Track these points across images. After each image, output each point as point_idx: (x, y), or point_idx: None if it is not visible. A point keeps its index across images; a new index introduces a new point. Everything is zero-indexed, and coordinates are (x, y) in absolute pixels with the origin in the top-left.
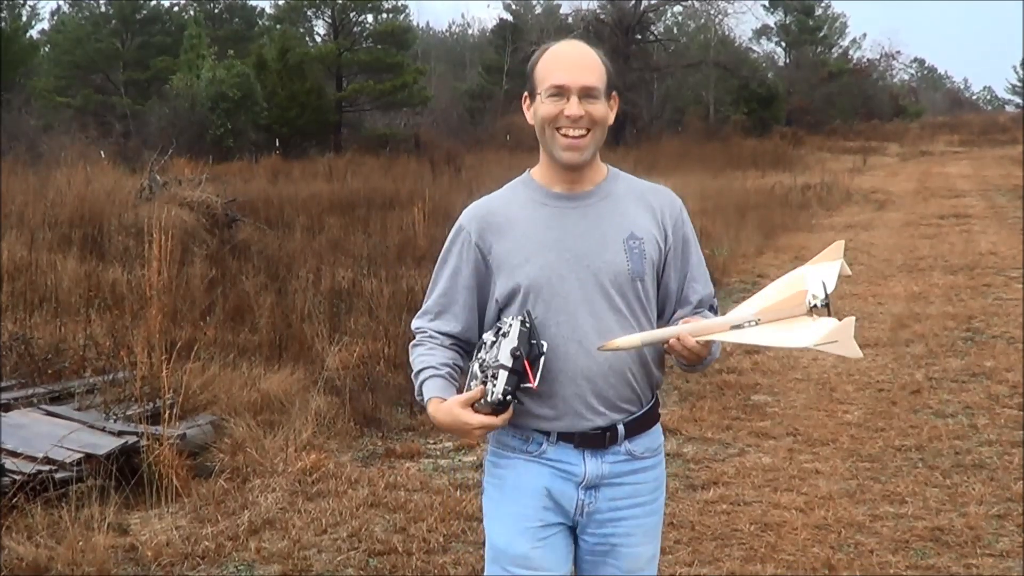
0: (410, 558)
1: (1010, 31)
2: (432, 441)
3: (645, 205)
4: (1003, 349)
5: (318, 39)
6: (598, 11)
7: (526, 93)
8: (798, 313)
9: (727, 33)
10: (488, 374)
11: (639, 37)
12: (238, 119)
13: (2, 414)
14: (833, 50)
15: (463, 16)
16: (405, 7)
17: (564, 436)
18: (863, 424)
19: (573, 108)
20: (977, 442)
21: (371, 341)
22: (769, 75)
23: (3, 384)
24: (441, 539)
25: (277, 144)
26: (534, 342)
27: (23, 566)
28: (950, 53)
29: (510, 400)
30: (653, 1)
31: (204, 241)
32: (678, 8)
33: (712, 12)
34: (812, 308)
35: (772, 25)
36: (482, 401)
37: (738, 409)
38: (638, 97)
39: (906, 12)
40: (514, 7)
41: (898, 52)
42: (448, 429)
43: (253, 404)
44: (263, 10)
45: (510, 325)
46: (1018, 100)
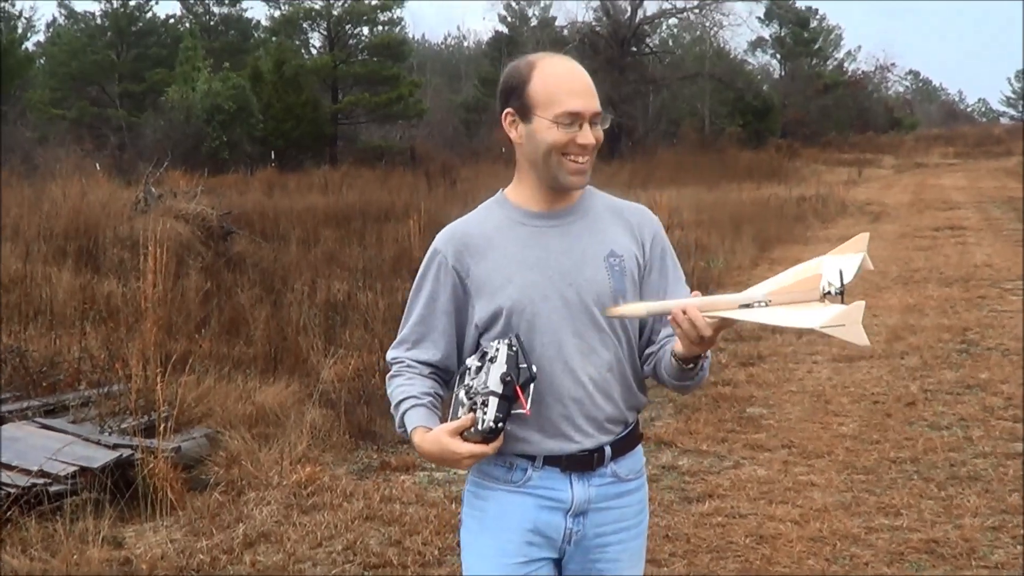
0: (405, 571)
1: (1004, 43)
2: None
3: (623, 222)
4: (998, 361)
5: (314, 51)
6: (594, 23)
7: (511, 110)
8: (811, 298)
9: (722, 45)
10: (477, 401)
11: (634, 49)
12: (233, 131)
13: None
14: (828, 62)
15: (458, 28)
16: (401, 20)
17: (550, 460)
18: (858, 436)
19: (588, 137)
20: (972, 454)
21: (366, 354)
22: (764, 87)
23: None
24: (436, 552)
25: (272, 156)
26: (523, 366)
27: None
28: (945, 65)
29: (502, 427)
30: (648, 13)
31: (199, 254)
32: (673, 20)
33: (707, 24)
34: (825, 295)
35: (767, 37)
36: (472, 429)
37: (733, 421)
38: (633, 109)
39: (901, 25)
40: (509, 20)
41: (893, 64)
42: (435, 459)
43: (248, 417)
44: (259, 22)
45: (497, 349)
46: (1013, 112)
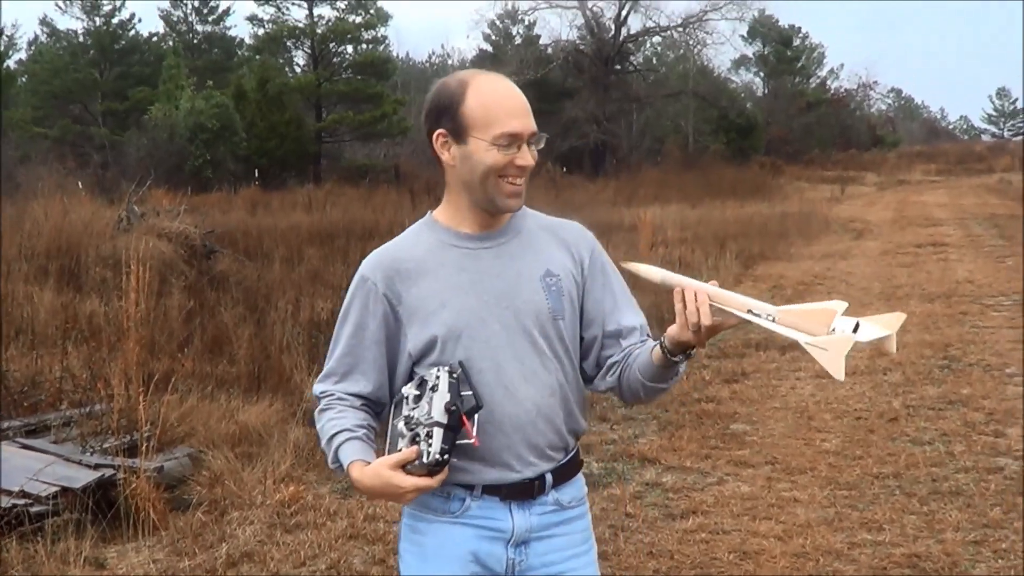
0: None
1: (985, 61)
2: None
3: (558, 241)
4: (979, 376)
5: (297, 70)
6: (578, 41)
7: (443, 131)
8: (815, 332)
9: (706, 63)
10: (420, 432)
11: (619, 67)
12: (217, 150)
13: None
14: (811, 80)
15: (443, 47)
16: (385, 38)
17: (490, 489)
18: (841, 452)
19: (527, 158)
20: (954, 469)
21: None
22: (748, 105)
23: None
24: None
25: (256, 175)
26: (466, 393)
27: None
28: (927, 83)
29: (448, 459)
30: (633, 31)
31: (182, 272)
32: (657, 39)
33: (691, 43)
34: (831, 334)
35: (751, 56)
36: (417, 462)
37: (717, 438)
38: (617, 127)
39: (883, 43)
40: (494, 38)
41: (875, 82)
42: (375, 494)
43: (231, 436)
44: (242, 40)
45: (437, 377)
46: (994, 129)
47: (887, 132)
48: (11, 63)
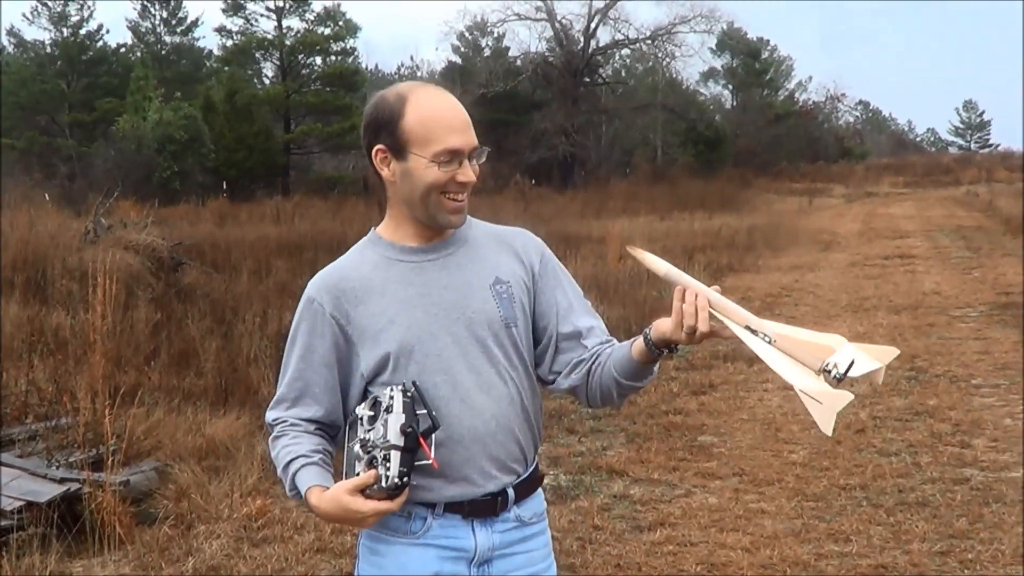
0: None
1: (953, 74)
2: None
3: (506, 247)
4: (946, 388)
5: (266, 81)
6: (547, 54)
7: (382, 147)
8: (809, 364)
9: (675, 76)
10: (377, 455)
11: (587, 80)
12: (185, 161)
13: None
14: (779, 93)
15: (412, 59)
16: (354, 50)
17: (451, 507)
18: (808, 463)
19: (469, 174)
20: (920, 480)
21: None
22: (716, 117)
23: None
24: None
25: (224, 186)
26: (421, 412)
27: None
28: (894, 96)
29: (407, 482)
30: (602, 44)
31: (149, 285)
32: (626, 51)
33: (660, 55)
34: (823, 371)
35: (719, 68)
36: (376, 486)
37: (685, 450)
38: (586, 139)
39: (851, 56)
40: (463, 50)
41: (843, 95)
42: (336, 519)
43: (198, 449)
44: (211, 52)
45: (391, 397)
46: (961, 142)
47: (855, 144)
48: None
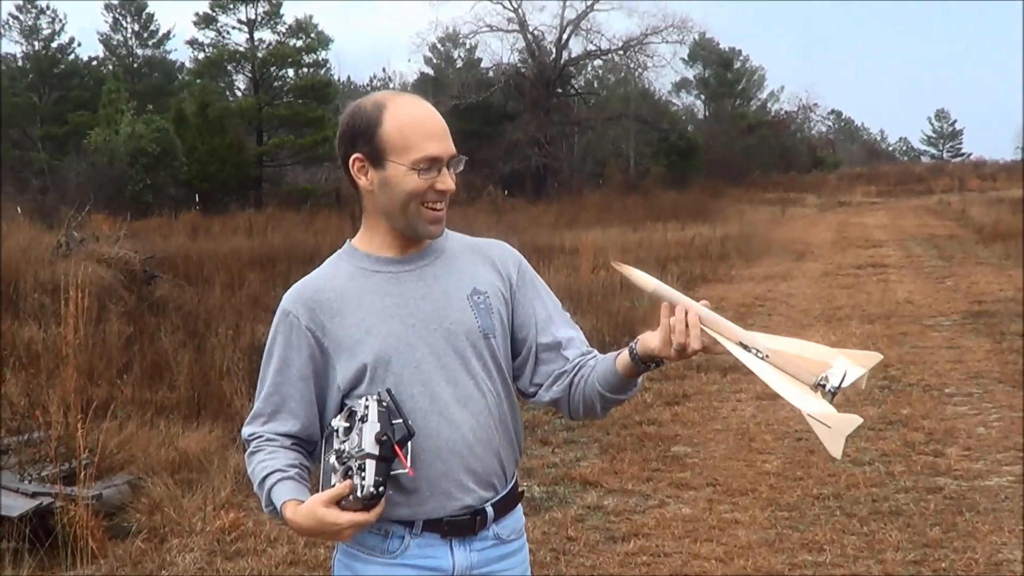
0: None
1: (925, 84)
2: None
3: (483, 258)
4: (919, 397)
5: (238, 93)
6: (519, 65)
7: (360, 155)
8: (803, 380)
9: (647, 86)
10: (352, 465)
11: (560, 91)
12: (157, 174)
13: None
14: (751, 103)
15: (384, 70)
16: (326, 62)
17: (430, 525)
18: (782, 473)
19: (448, 182)
20: (893, 489)
21: None
22: (689, 128)
23: None
24: None
25: (197, 199)
26: (396, 422)
27: None
28: (866, 105)
29: (383, 492)
30: (574, 55)
31: (122, 298)
32: (598, 62)
33: (632, 66)
34: (818, 386)
35: (691, 78)
36: (351, 497)
37: (658, 460)
38: (559, 150)
39: (823, 65)
40: (435, 61)
41: (815, 104)
42: (312, 533)
43: (171, 463)
44: (183, 64)
45: (366, 407)
46: (933, 151)
47: (827, 154)
48: None
